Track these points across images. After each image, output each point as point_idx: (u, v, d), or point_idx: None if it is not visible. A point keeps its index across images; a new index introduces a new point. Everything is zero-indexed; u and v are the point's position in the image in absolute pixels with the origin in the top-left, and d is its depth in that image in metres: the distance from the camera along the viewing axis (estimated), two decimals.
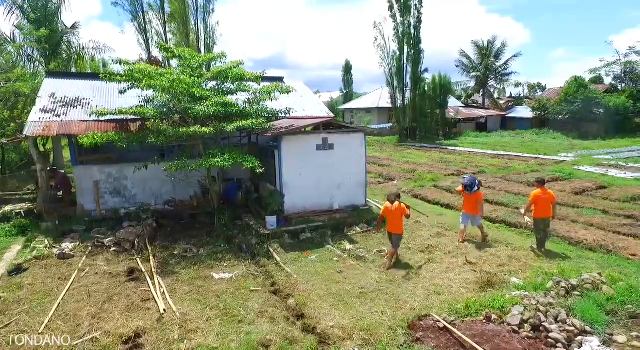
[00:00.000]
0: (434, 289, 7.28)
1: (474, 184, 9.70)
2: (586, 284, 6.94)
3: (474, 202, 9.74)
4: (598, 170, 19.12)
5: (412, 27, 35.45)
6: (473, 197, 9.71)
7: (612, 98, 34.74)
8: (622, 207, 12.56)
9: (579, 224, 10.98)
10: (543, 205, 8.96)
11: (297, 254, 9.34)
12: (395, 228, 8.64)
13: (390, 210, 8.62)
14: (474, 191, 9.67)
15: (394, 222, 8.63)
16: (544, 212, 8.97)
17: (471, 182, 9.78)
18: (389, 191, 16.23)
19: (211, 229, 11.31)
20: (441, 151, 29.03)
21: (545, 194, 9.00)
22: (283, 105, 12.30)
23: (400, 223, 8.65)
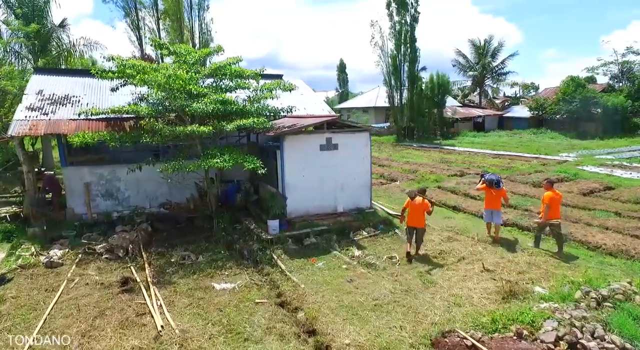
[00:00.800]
0: (453, 300, 6.76)
1: (499, 180, 9.80)
2: (617, 294, 6.48)
3: (497, 199, 9.79)
4: (603, 170, 18.79)
5: (409, 25, 35.01)
6: (499, 194, 9.77)
7: (610, 97, 34.61)
8: (634, 209, 12.17)
9: (594, 227, 10.54)
10: (556, 206, 8.93)
11: (302, 260, 8.78)
12: (416, 222, 8.84)
13: (413, 204, 8.82)
14: (500, 187, 9.76)
15: (416, 216, 8.83)
16: (556, 214, 8.90)
17: (497, 179, 9.84)
18: (392, 192, 15.84)
19: (209, 233, 10.70)
20: (440, 151, 28.62)
21: (557, 196, 9.02)
22: (284, 104, 11.73)
23: (422, 217, 8.87)
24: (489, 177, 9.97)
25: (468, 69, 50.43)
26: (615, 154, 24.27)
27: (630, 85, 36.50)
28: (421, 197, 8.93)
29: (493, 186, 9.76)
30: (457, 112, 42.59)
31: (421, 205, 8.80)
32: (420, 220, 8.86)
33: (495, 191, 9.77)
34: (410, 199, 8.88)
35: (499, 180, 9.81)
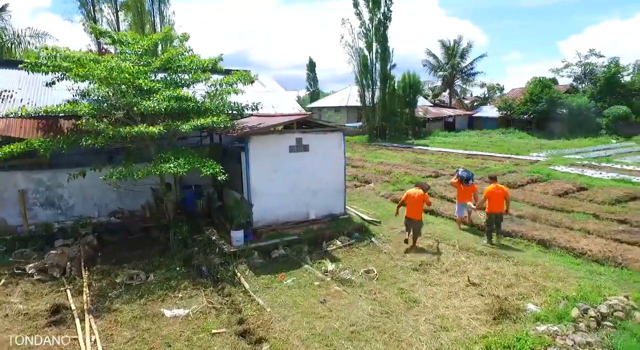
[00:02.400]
0: (440, 323, 5.97)
1: (470, 177, 10.64)
2: (617, 311, 5.89)
3: (468, 193, 10.55)
4: (574, 170, 18.77)
5: (381, 23, 34.53)
6: (469, 189, 10.56)
7: (575, 98, 35.44)
8: (611, 211, 11.91)
9: (576, 232, 10.12)
10: (496, 200, 9.37)
11: (269, 277, 7.79)
12: (414, 214, 9.20)
13: (412, 196, 9.25)
14: (470, 184, 10.60)
15: (415, 208, 9.20)
16: (497, 207, 9.37)
17: (468, 175, 10.65)
18: (366, 195, 15.05)
19: (165, 246, 9.52)
20: (414, 151, 28.22)
21: (498, 190, 9.46)
22: (250, 101, 10.70)
23: (421, 209, 9.27)
24: (461, 173, 10.78)
25: (438, 69, 50.74)
26: (583, 154, 24.60)
27: (592, 86, 37.52)
28: (421, 190, 9.44)
29: (463, 182, 10.55)
30: (429, 112, 42.64)
31: (420, 196, 9.26)
32: (418, 212, 9.23)
33: (464, 187, 10.56)
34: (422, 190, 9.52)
35: (469, 178, 10.60)
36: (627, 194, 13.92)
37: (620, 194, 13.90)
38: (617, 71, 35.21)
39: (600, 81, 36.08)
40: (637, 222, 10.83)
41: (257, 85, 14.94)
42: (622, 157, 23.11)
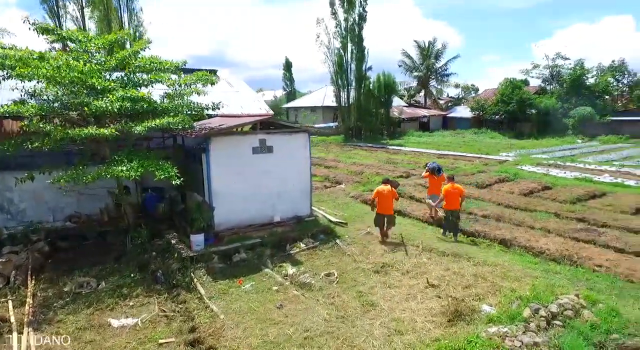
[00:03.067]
0: (395, 326, 5.92)
1: (440, 168, 11.70)
2: (566, 310, 5.96)
3: (440, 184, 11.08)
4: (540, 170, 19.24)
5: (356, 24, 34.64)
6: (440, 179, 11.29)
7: (543, 99, 36.46)
8: (571, 210, 12.20)
9: (537, 231, 10.31)
10: (453, 199, 9.95)
11: (227, 282, 7.58)
12: (385, 209, 9.71)
13: (382, 193, 9.72)
14: (440, 174, 11.53)
15: (386, 204, 9.70)
16: (453, 204, 9.96)
17: (438, 166, 11.75)
18: (336, 196, 14.98)
19: (122, 251, 9.17)
20: (387, 151, 28.40)
21: (454, 189, 10.03)
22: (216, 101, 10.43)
23: (391, 205, 9.81)
24: (431, 165, 11.76)
25: (413, 70, 51.32)
26: (550, 153, 25.30)
27: (560, 87, 38.69)
28: (389, 186, 9.91)
29: (435, 173, 11.47)
30: (404, 112, 43.07)
31: (390, 192, 9.77)
32: (390, 207, 9.77)
33: (437, 177, 11.42)
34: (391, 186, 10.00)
35: (440, 168, 11.65)
36: (587, 192, 14.33)
37: (582, 192, 14.30)
38: (582, 73, 36.41)
39: (566, 83, 37.23)
40: (595, 220, 11.14)
41: (225, 85, 14.69)
42: (585, 156, 23.88)
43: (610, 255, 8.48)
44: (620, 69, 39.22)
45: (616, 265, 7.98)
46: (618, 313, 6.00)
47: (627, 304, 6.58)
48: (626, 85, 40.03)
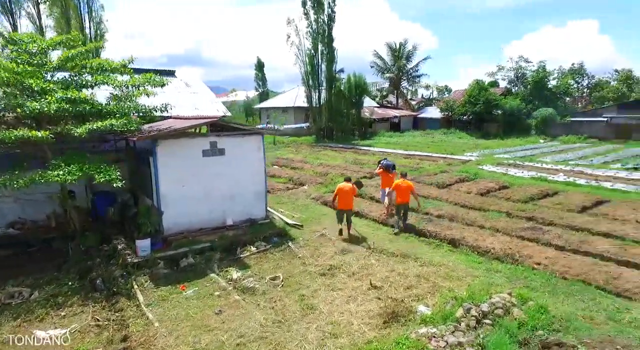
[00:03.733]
0: (330, 330, 5.94)
1: (393, 166, 12.59)
2: (497, 308, 6.13)
3: (391, 180, 11.74)
4: (499, 169, 19.77)
5: (326, 24, 34.74)
6: (392, 177, 11.95)
7: (508, 100, 37.51)
8: (523, 209, 12.57)
9: (486, 230, 10.56)
10: (403, 193, 10.68)
11: (169, 288, 7.44)
12: (346, 205, 10.39)
13: (343, 189, 10.38)
14: (393, 172, 12.44)
15: (346, 200, 10.37)
16: (403, 198, 10.70)
17: (392, 164, 12.71)
18: (297, 198, 14.95)
19: (65, 258, 8.86)
20: (356, 152, 28.57)
21: (405, 184, 10.78)
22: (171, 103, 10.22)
23: (351, 201, 10.53)
24: (385, 163, 12.62)
25: (385, 71, 51.91)
26: (512, 153, 26.04)
27: (524, 89, 39.93)
28: (350, 183, 10.65)
29: (388, 170, 12.33)
30: (375, 113, 43.42)
31: (351, 189, 10.48)
32: (350, 203, 10.47)
33: (390, 174, 12.27)
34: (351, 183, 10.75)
35: (393, 165, 12.56)
36: (541, 191, 14.80)
37: (535, 192, 14.75)
38: (544, 76, 37.70)
39: (530, 85, 38.44)
40: (543, 219, 11.51)
41: (182, 86, 14.45)
42: (544, 156, 24.70)
43: (550, 253, 8.77)
44: (580, 72, 40.79)
45: (553, 263, 8.26)
46: (546, 310, 6.21)
47: (558, 300, 6.83)
48: (586, 87, 41.70)
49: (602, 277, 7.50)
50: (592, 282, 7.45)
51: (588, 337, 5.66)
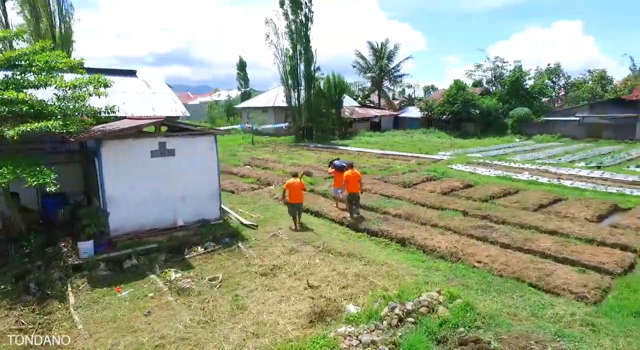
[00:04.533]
0: (254, 330, 5.95)
1: (344, 166, 12.56)
2: (422, 306, 6.21)
3: (342, 180, 12.08)
4: (468, 168, 20.01)
5: (303, 24, 34.73)
6: (342, 176, 12.14)
7: (485, 100, 37.97)
8: (480, 207, 12.75)
9: (438, 229, 10.69)
10: (353, 182, 11.42)
11: (105, 290, 7.38)
12: (296, 199, 10.99)
13: (293, 184, 10.99)
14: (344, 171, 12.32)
15: (296, 194, 10.97)
16: (354, 188, 11.46)
17: (342, 165, 12.81)
18: (260, 198, 14.94)
19: (5, 261, 8.72)
20: (333, 152, 28.62)
21: (354, 174, 11.61)
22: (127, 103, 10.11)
23: (301, 194, 11.19)
24: (338, 163, 13.08)
25: (367, 70, 52.11)
26: (485, 152, 26.37)
27: (501, 89, 40.45)
28: (298, 179, 11.32)
29: (339, 170, 12.58)
30: (355, 113, 43.57)
31: (300, 184, 11.18)
32: (300, 197, 11.09)
33: (339, 174, 12.52)
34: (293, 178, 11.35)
35: (343, 166, 12.58)
36: (502, 190, 15.02)
37: (497, 190, 14.97)
38: (520, 76, 38.23)
39: (507, 85, 38.96)
40: (497, 217, 11.69)
41: (143, 86, 14.32)
42: (516, 154, 25.07)
43: (493, 252, 8.91)
44: (556, 72, 41.44)
45: (493, 261, 8.40)
46: (472, 308, 6.30)
47: (488, 298, 6.94)
48: (562, 87, 42.40)
49: (536, 275, 7.65)
50: (525, 279, 7.60)
51: (506, 333, 5.77)
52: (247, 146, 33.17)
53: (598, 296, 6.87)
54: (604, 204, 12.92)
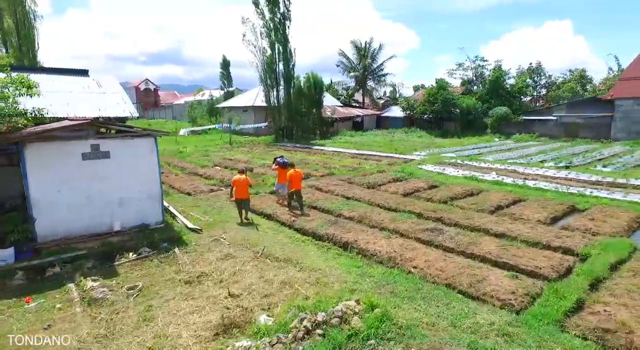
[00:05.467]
0: (152, 344, 5.61)
1: (286, 164, 13.21)
2: (335, 317, 5.91)
3: (285, 176, 12.60)
4: (437, 168, 19.81)
5: (280, 24, 34.36)
6: (285, 172, 12.72)
7: (465, 99, 37.90)
8: (436, 209, 12.50)
9: (386, 232, 10.40)
10: (295, 180, 12.14)
11: (12, 301, 6.99)
12: (242, 195, 11.36)
13: (239, 181, 11.35)
14: (287, 167, 12.95)
15: (243, 190, 11.34)
16: (296, 185, 12.18)
17: (285, 162, 13.39)
18: (216, 201, 14.57)
19: None
20: (308, 152, 28.33)
21: (296, 173, 12.33)
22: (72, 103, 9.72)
23: (247, 190, 11.53)
24: (281, 160, 13.53)
25: (351, 70, 51.89)
26: (461, 152, 26.24)
27: (482, 88, 40.43)
28: (244, 175, 11.66)
29: (282, 167, 13.18)
30: (337, 112, 43.35)
31: (245, 180, 11.49)
32: (245, 192, 11.44)
33: (282, 170, 13.07)
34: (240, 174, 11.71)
35: (286, 163, 13.25)
36: (465, 191, 14.83)
37: (460, 191, 14.78)
38: (500, 75, 38.21)
39: (487, 84, 38.94)
40: (450, 219, 11.45)
41: (94, 86, 13.90)
42: (490, 154, 24.98)
43: (433, 256, 8.64)
44: (537, 71, 41.51)
45: (430, 266, 8.13)
46: (389, 318, 6.02)
47: (412, 306, 6.67)
48: (543, 87, 42.49)
49: (468, 281, 7.39)
50: (457, 285, 7.34)
51: (418, 345, 5.50)
52: (224, 146, 32.75)
53: (525, 303, 6.63)
54: (561, 205, 12.77)
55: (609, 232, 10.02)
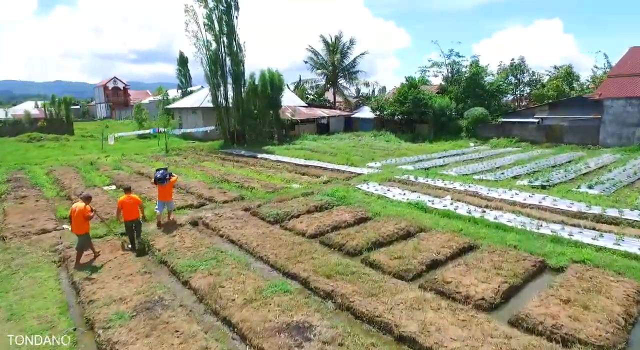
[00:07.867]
0: None
1: (165, 177, 11.25)
2: None
3: (167, 191, 11.25)
4: (380, 189, 15.55)
5: (224, 13, 29.88)
6: (168, 187, 11.24)
7: (437, 99, 33.73)
8: (337, 270, 8.31)
9: (221, 330, 6.13)
10: (129, 209, 9.70)
11: None
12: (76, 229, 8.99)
13: (74, 211, 8.92)
14: (166, 183, 11.27)
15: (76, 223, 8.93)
16: (131, 215, 9.74)
17: (162, 175, 11.27)
18: (34, 250, 10.15)
19: None
20: (245, 163, 23.81)
21: (131, 200, 9.81)
22: None
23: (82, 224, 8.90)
24: (157, 174, 11.36)
25: (320, 67, 47.57)
26: (423, 162, 22.05)
27: (457, 87, 36.31)
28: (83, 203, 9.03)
29: (159, 182, 11.22)
30: (299, 113, 38.98)
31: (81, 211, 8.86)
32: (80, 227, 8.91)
33: (160, 186, 11.24)
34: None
35: (163, 177, 11.23)
36: (398, 230, 10.86)
37: (391, 230, 10.78)
38: (477, 72, 34.09)
39: (462, 82, 34.81)
40: (343, 296, 7.30)
41: None
42: (455, 165, 20.77)
43: None
44: (520, 68, 37.54)
45: None
46: None
47: None
48: (527, 85, 38.51)
49: None
50: None
51: None
52: (156, 154, 28.29)
53: None
54: (526, 260, 8.65)
55: (594, 336, 5.82)
